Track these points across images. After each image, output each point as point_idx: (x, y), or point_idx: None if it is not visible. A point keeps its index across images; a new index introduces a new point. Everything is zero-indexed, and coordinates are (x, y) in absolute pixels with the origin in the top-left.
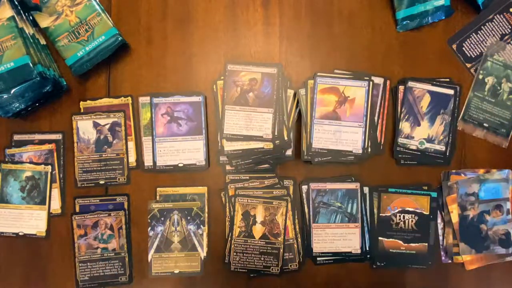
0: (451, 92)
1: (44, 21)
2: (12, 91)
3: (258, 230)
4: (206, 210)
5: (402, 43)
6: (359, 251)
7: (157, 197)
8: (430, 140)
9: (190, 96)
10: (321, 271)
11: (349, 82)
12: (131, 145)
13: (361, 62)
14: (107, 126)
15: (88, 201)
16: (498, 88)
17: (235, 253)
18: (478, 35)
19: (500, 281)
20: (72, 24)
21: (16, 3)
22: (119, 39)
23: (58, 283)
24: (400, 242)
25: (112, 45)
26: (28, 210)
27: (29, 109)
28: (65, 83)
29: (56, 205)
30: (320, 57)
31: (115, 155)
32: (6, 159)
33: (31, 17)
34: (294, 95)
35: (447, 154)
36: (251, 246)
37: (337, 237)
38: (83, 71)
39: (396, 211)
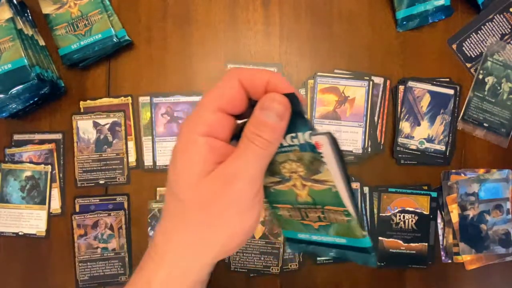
0: (451, 92)
1: (47, 8)
2: (9, 92)
3: (258, 230)
4: None
5: (402, 43)
6: None
7: (157, 197)
8: (430, 140)
9: (190, 96)
10: (321, 271)
11: (349, 82)
12: (131, 145)
13: (361, 62)
14: (107, 126)
15: (88, 201)
16: (498, 88)
17: (234, 253)
18: (478, 35)
19: (500, 281)
20: (73, 16)
21: (16, 3)
22: (114, 40)
23: (58, 283)
24: (400, 242)
25: (106, 44)
26: (28, 210)
27: (27, 109)
28: (63, 85)
29: (56, 205)
30: (320, 57)
31: (115, 155)
32: (6, 159)
33: (30, 17)
34: None
35: (447, 154)
36: (251, 246)
37: None
38: (72, 61)
39: (396, 211)
